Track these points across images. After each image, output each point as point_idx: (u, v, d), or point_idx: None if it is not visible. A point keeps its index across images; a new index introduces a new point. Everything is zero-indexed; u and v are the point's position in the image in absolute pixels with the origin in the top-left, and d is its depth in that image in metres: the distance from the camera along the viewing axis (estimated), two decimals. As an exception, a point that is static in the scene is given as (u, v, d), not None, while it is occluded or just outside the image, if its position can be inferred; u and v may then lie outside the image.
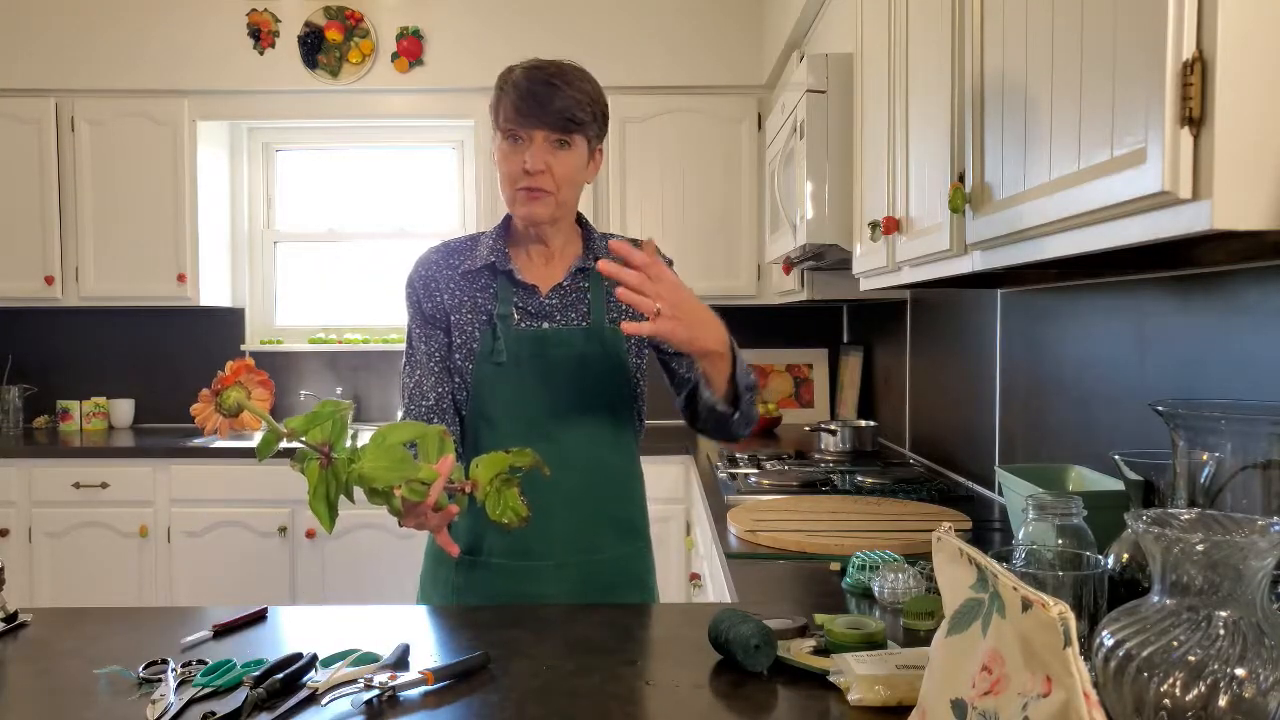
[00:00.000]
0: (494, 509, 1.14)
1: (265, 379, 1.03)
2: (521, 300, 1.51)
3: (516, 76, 1.43)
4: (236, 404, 0.99)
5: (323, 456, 1.02)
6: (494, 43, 3.66)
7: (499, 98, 1.45)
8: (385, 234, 4.08)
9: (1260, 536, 0.76)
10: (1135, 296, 1.57)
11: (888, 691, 0.96)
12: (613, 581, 1.52)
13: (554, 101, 1.40)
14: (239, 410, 1.00)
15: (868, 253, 1.97)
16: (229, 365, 1.02)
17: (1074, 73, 0.99)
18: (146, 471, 3.38)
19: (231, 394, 1.00)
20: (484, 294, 1.51)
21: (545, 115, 1.41)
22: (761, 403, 3.72)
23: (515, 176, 1.44)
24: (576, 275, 1.53)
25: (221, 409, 1.00)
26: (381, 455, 1.05)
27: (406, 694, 1.01)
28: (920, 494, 2.16)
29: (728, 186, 3.65)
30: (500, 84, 1.45)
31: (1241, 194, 0.76)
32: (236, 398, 1.00)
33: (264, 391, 1.02)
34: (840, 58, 2.25)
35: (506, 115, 1.43)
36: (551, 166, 1.43)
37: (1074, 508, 1.09)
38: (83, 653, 1.15)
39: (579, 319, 1.51)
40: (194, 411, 1.02)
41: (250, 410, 1.00)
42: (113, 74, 3.65)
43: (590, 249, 1.55)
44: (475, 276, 1.52)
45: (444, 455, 1.12)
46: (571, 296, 1.52)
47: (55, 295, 3.65)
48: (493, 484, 1.15)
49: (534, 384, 1.48)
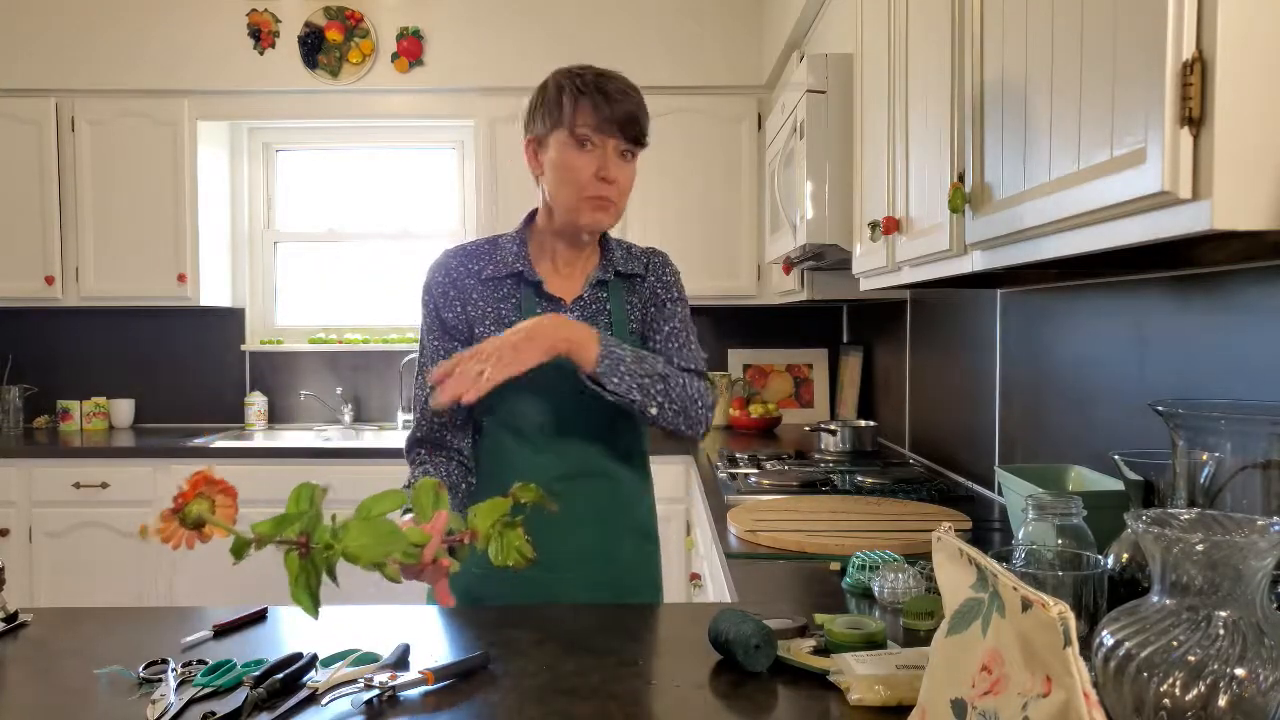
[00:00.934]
0: (496, 555, 1.12)
1: (226, 487, 1.02)
2: (545, 313, 1.47)
3: (591, 80, 1.41)
4: (199, 517, 0.98)
5: (300, 548, 1.02)
6: (494, 43, 3.66)
7: (571, 99, 1.41)
8: (385, 234, 4.08)
9: (1260, 536, 0.76)
10: (1135, 296, 1.57)
11: (888, 691, 0.96)
12: (630, 586, 1.53)
13: (631, 108, 1.40)
14: (202, 523, 0.99)
15: (868, 253, 1.97)
16: (186, 480, 1.00)
17: (1074, 72, 0.99)
18: (146, 471, 3.38)
19: (193, 508, 0.99)
20: (507, 304, 1.49)
21: (624, 124, 1.40)
22: (761, 403, 3.72)
23: (585, 184, 1.42)
24: (596, 287, 1.52)
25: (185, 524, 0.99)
26: (365, 532, 1.04)
27: (406, 694, 1.02)
28: (920, 494, 2.16)
29: (728, 186, 3.65)
30: (569, 85, 1.42)
31: (1241, 194, 0.76)
32: (198, 511, 0.99)
33: (227, 499, 1.01)
34: (840, 58, 2.25)
35: (585, 119, 1.40)
36: (619, 178, 1.43)
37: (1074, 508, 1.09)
38: (83, 653, 1.15)
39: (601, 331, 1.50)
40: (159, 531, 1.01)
41: (213, 524, 0.99)
42: (113, 74, 3.66)
43: (609, 260, 1.53)
44: (498, 284, 1.50)
45: (438, 510, 1.10)
46: (592, 308, 1.51)
47: (55, 295, 3.65)
48: (494, 529, 1.13)
49: (558, 397, 1.46)
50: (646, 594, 1.55)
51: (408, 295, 4.01)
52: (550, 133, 1.44)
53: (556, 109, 1.42)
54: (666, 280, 1.58)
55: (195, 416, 4.04)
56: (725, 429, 3.76)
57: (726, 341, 4.03)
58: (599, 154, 1.41)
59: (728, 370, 3.99)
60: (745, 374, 3.99)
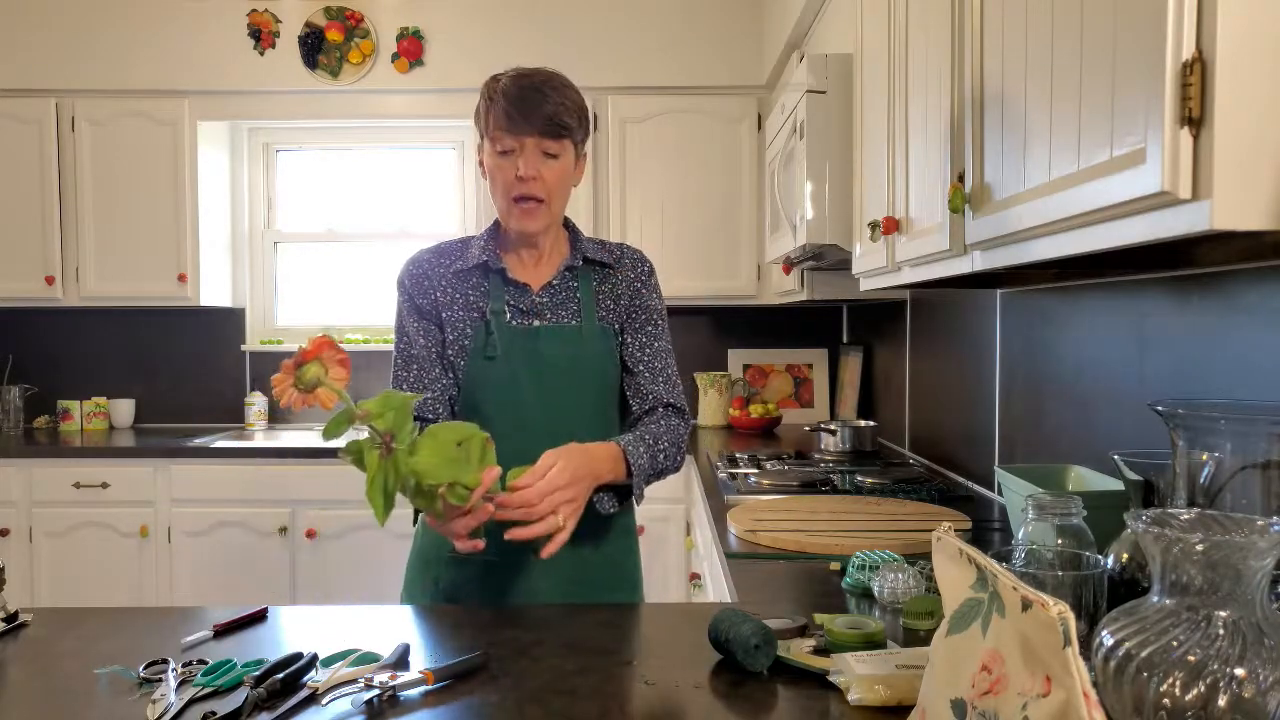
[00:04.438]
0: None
1: (345, 358, 1.03)
2: (513, 298, 1.52)
3: (504, 85, 1.45)
4: (315, 379, 0.99)
5: (384, 446, 1.02)
6: (494, 43, 3.66)
7: (487, 106, 1.46)
8: (385, 234, 4.08)
9: (1260, 536, 0.76)
10: (1135, 296, 1.57)
11: (888, 691, 0.96)
12: (604, 579, 1.54)
13: (543, 108, 1.43)
14: (315, 385, 1.00)
15: (867, 253, 1.97)
16: (310, 340, 1.01)
17: (1074, 72, 0.99)
18: (147, 471, 3.38)
19: (311, 369, 0.99)
20: (476, 291, 1.53)
21: (536, 121, 1.42)
22: (761, 403, 3.72)
23: (509, 186, 1.46)
24: (565, 274, 1.55)
25: (300, 384, 0.99)
26: (436, 451, 1.05)
27: (406, 694, 1.01)
28: (920, 494, 2.16)
29: (728, 187, 3.65)
30: (488, 93, 1.47)
31: (1241, 194, 0.76)
32: (315, 373, 0.99)
33: (341, 370, 1.02)
34: (840, 58, 2.25)
35: (497, 123, 1.44)
36: (543, 174, 1.45)
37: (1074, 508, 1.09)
38: (83, 653, 1.15)
39: (570, 317, 1.53)
40: (274, 382, 1.02)
41: (328, 387, 1.00)
42: (113, 74, 3.65)
43: (578, 249, 1.57)
44: (467, 275, 1.54)
45: (486, 464, 1.12)
46: (561, 295, 1.54)
47: (55, 295, 3.65)
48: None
49: (526, 380, 1.49)
50: (621, 590, 1.56)
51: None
52: (483, 140, 1.50)
53: (483, 117, 1.48)
54: (649, 281, 1.61)
55: (195, 416, 4.04)
56: (725, 429, 3.76)
57: (726, 341, 4.03)
58: (516, 156, 1.45)
59: (728, 370, 3.99)
60: (745, 374, 4.00)
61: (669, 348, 1.61)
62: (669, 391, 1.57)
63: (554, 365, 1.50)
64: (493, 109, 1.45)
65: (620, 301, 1.57)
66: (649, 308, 1.59)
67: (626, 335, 1.57)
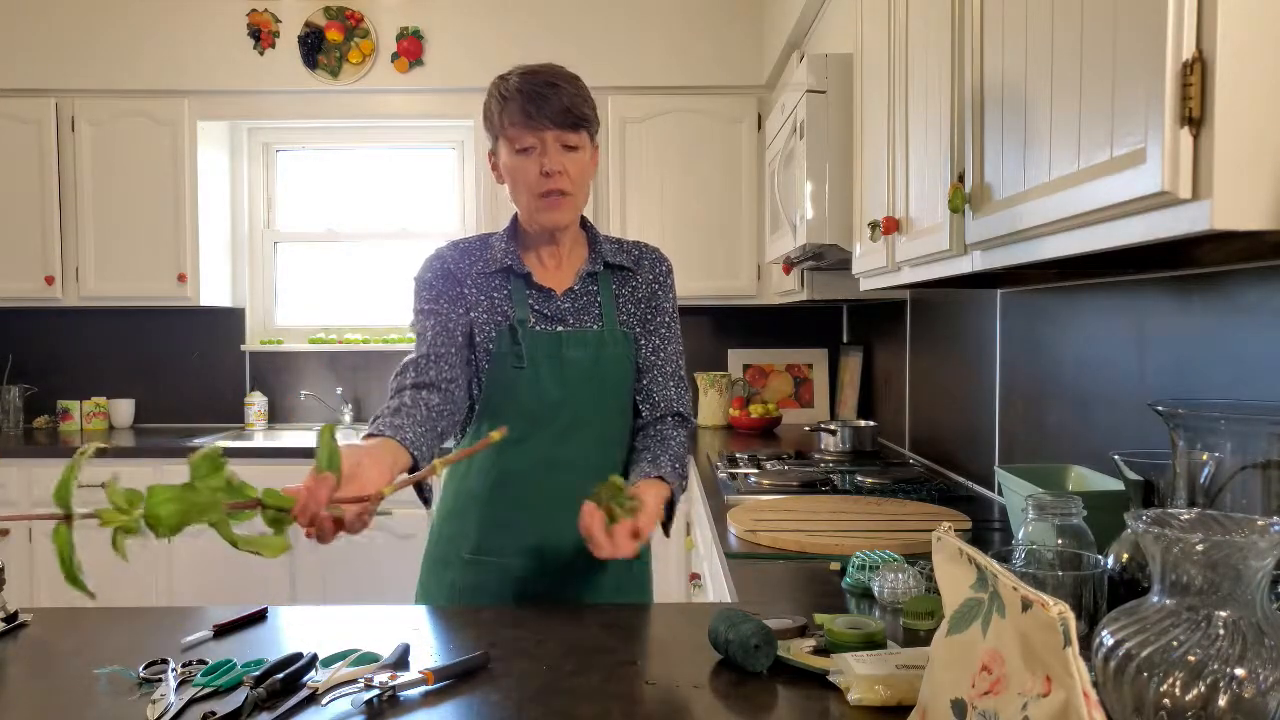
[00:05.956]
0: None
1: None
2: (538, 304, 1.51)
3: (516, 82, 1.43)
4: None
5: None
6: (494, 43, 3.66)
7: (500, 106, 1.44)
8: (385, 234, 4.08)
9: (1260, 536, 0.76)
10: (1135, 296, 1.57)
11: (888, 691, 0.96)
12: (617, 584, 1.54)
13: (559, 100, 1.41)
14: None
15: (868, 253, 1.97)
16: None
17: (1074, 72, 0.99)
18: (147, 471, 3.38)
19: None
20: (500, 294, 1.52)
21: (554, 115, 1.41)
22: (761, 403, 3.72)
23: (534, 183, 1.44)
24: (586, 279, 1.54)
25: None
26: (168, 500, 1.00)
27: (406, 694, 1.01)
28: (920, 494, 2.16)
29: (728, 186, 3.65)
30: (499, 92, 1.45)
31: (1241, 194, 0.76)
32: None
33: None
34: (840, 58, 2.25)
35: (513, 121, 1.42)
36: (566, 167, 1.44)
37: (1074, 508, 1.09)
38: (83, 653, 1.15)
39: (591, 321, 1.53)
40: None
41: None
42: (113, 74, 3.65)
43: (597, 252, 1.56)
44: (491, 278, 1.53)
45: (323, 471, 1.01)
46: (583, 300, 1.53)
47: (55, 295, 3.65)
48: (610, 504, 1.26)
49: (549, 384, 1.48)
50: (633, 594, 1.57)
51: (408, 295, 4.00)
52: (496, 142, 1.48)
53: (493, 119, 1.47)
54: (666, 282, 1.61)
55: (195, 416, 4.03)
56: (725, 429, 3.76)
57: (726, 341, 4.03)
58: (539, 152, 1.43)
59: (728, 370, 3.99)
60: (745, 374, 3.99)
61: (680, 349, 1.61)
62: (679, 398, 1.58)
63: (577, 369, 1.49)
64: (507, 108, 1.43)
65: (640, 304, 1.57)
66: (664, 309, 1.59)
67: (640, 337, 1.57)
